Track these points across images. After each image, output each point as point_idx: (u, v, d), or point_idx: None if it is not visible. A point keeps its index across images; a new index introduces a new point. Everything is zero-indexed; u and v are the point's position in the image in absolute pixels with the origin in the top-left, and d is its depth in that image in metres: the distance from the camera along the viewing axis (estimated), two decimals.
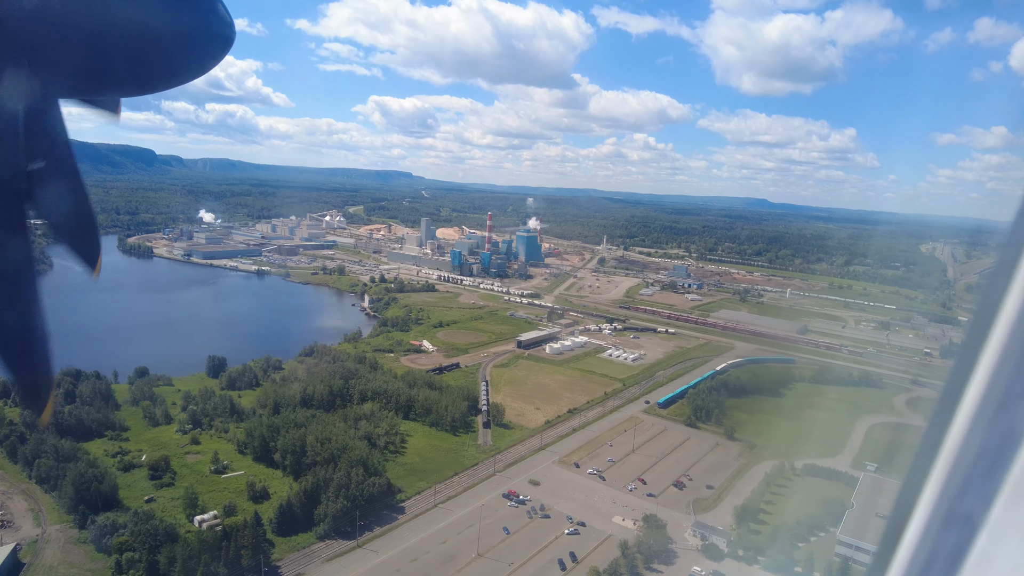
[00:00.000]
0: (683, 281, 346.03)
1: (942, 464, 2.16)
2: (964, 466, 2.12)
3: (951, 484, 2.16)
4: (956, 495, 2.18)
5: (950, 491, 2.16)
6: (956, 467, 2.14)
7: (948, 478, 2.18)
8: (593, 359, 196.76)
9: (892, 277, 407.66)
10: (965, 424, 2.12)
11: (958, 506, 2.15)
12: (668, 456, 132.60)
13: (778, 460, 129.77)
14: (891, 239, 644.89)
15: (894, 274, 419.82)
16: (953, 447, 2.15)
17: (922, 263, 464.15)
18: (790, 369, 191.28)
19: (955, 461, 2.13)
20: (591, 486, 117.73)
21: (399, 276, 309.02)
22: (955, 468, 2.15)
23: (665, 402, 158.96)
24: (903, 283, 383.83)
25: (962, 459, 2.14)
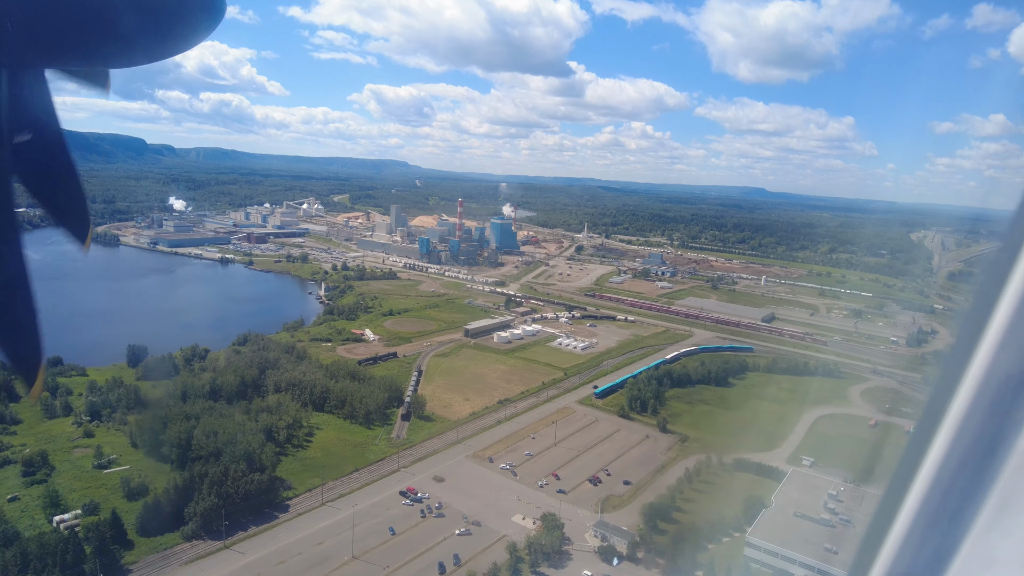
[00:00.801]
0: (656, 269, 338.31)
1: (931, 461, 2.11)
2: (953, 463, 2.07)
3: (939, 482, 2.11)
4: (943, 494, 2.14)
5: (938, 489, 2.12)
6: (945, 464, 2.09)
7: (936, 475, 2.13)
8: (542, 348, 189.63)
9: (875, 265, 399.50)
10: (958, 420, 2.06)
11: (945, 505, 2.10)
12: (592, 449, 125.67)
13: (708, 454, 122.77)
14: (881, 227, 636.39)
15: (877, 262, 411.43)
16: (944, 443, 2.09)
17: (908, 251, 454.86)
18: (744, 358, 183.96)
19: (944, 458, 2.08)
20: (500, 482, 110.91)
21: (362, 264, 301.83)
22: (944, 465, 2.09)
23: (602, 392, 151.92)
24: (886, 271, 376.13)
25: (952, 456, 2.09)
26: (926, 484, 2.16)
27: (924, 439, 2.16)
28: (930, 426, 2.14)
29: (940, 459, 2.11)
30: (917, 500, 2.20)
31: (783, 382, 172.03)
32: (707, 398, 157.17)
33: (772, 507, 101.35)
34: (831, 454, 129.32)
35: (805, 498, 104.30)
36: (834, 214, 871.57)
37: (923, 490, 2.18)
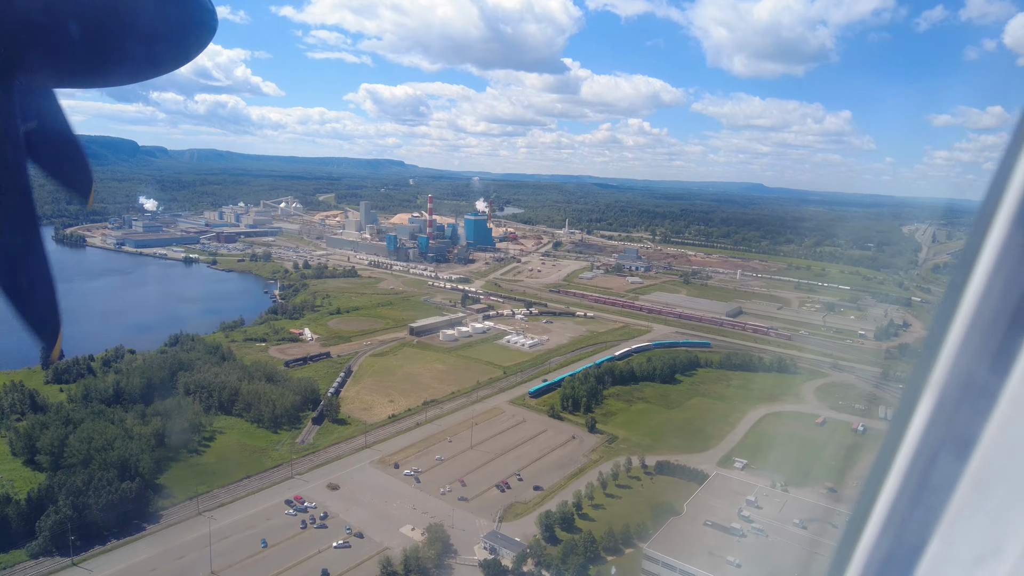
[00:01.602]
0: (631, 264, 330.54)
1: (903, 455, 2.14)
2: (925, 458, 2.10)
3: (912, 476, 2.14)
4: (916, 489, 2.15)
5: (910, 485, 2.14)
6: (916, 460, 2.12)
7: (908, 471, 2.16)
8: (488, 346, 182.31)
9: (859, 258, 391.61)
10: (927, 415, 2.09)
11: (919, 500, 2.13)
12: (510, 452, 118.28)
13: (632, 456, 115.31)
14: (872, 221, 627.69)
15: (862, 255, 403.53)
16: (914, 439, 2.12)
17: (896, 244, 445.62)
18: (696, 354, 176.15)
19: (916, 454, 2.11)
20: (399, 490, 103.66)
21: (325, 262, 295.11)
22: (915, 461, 2.12)
23: (536, 392, 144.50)
24: (869, 264, 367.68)
25: (923, 452, 2.11)
26: (899, 479, 2.17)
27: (898, 433, 2.18)
28: (903, 420, 2.17)
29: (910, 457, 2.13)
30: (891, 495, 2.20)
31: (734, 379, 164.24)
32: (648, 396, 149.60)
33: (682, 515, 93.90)
34: (768, 455, 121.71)
35: (721, 505, 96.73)
36: (829, 208, 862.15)
37: (896, 484, 2.19)
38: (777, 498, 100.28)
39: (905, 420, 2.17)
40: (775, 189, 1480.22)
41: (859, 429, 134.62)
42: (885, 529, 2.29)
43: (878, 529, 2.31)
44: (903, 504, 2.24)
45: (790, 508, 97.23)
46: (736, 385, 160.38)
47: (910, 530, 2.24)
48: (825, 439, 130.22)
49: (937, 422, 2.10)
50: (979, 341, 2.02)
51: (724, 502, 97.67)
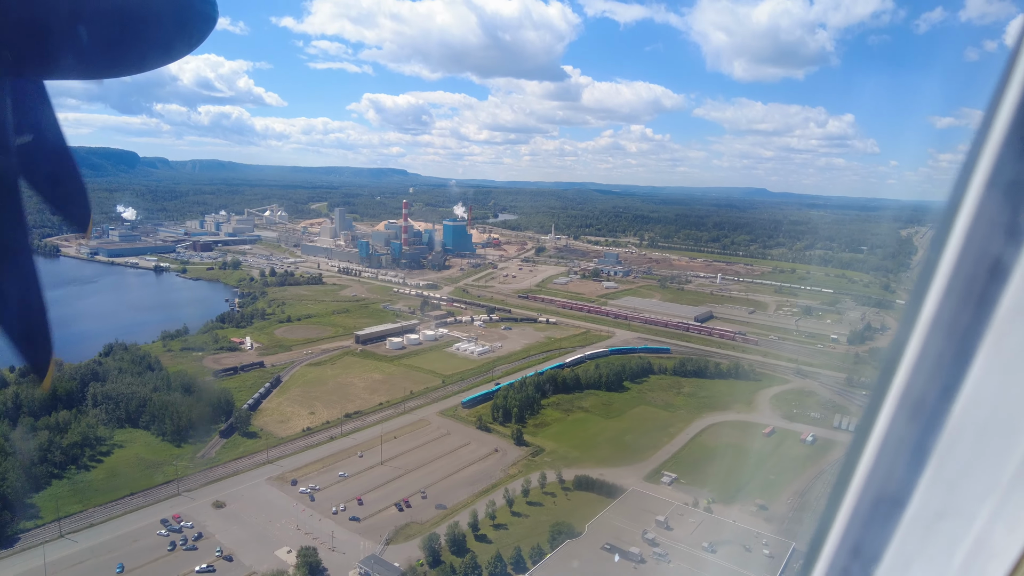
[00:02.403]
0: (609, 269, 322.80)
1: (869, 455, 2.21)
2: (888, 455, 2.17)
3: (876, 473, 2.21)
4: (880, 486, 2.22)
5: (875, 482, 2.21)
6: (881, 457, 2.19)
7: (874, 468, 2.22)
8: (436, 353, 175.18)
9: (849, 260, 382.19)
10: (890, 414, 2.17)
11: (883, 495, 2.20)
12: (423, 468, 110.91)
13: (550, 471, 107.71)
14: (871, 224, 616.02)
15: (852, 257, 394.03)
16: (879, 438, 2.19)
17: (890, 246, 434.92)
18: (650, 360, 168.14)
19: (880, 451, 2.18)
20: (289, 508, 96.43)
21: (292, 269, 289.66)
22: (880, 458, 2.19)
23: (470, 402, 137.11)
24: (859, 266, 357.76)
25: (885, 451, 2.19)
26: (865, 476, 2.24)
27: (864, 432, 2.26)
28: (870, 418, 2.23)
29: (877, 450, 2.20)
30: (856, 493, 2.26)
31: (686, 386, 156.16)
32: (589, 405, 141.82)
33: (581, 537, 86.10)
34: (703, 468, 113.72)
35: (627, 525, 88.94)
36: (830, 212, 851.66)
37: (862, 482, 2.25)
38: (693, 518, 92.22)
39: (869, 424, 2.22)
40: (778, 194, 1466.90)
41: (808, 439, 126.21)
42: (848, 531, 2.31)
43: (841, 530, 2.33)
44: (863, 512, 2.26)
45: (704, 529, 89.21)
46: (687, 393, 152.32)
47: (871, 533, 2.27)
48: (769, 451, 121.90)
49: (897, 426, 2.15)
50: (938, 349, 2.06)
51: (632, 522, 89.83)
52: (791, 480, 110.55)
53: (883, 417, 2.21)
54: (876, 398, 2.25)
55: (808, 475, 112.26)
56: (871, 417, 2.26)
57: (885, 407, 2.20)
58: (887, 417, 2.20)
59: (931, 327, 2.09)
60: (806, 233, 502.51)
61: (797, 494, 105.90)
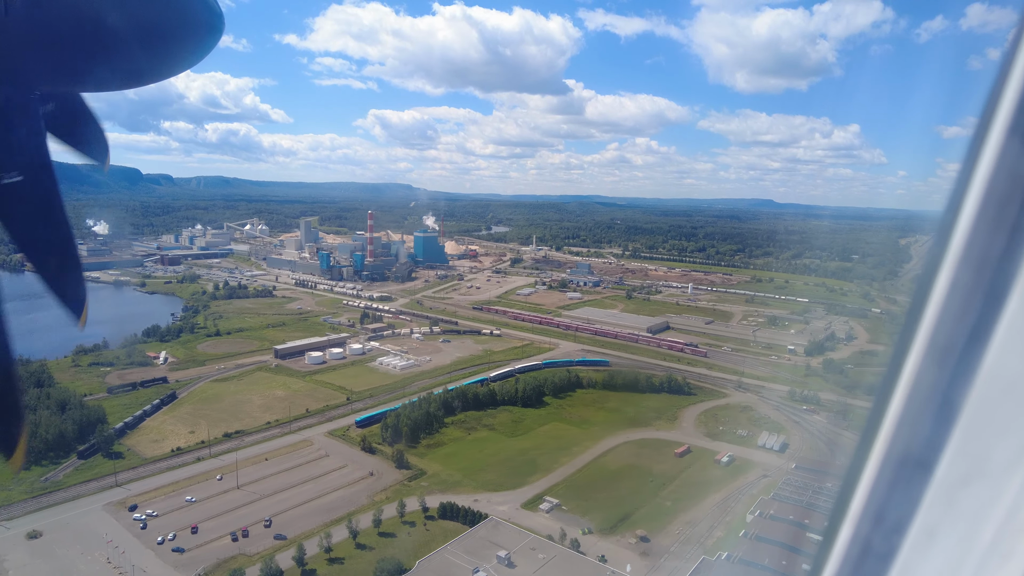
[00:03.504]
0: (580, 279, 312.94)
1: (894, 410, 2.10)
2: (914, 411, 2.06)
3: (901, 432, 2.10)
4: (886, 492, 2.12)
5: (900, 441, 2.10)
6: (906, 413, 2.08)
7: (878, 474, 2.12)
8: (356, 368, 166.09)
9: (836, 269, 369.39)
10: (893, 422, 2.08)
11: (908, 456, 2.09)
12: (282, 492, 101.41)
13: (425, 495, 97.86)
14: (870, 232, 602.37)
15: (839, 266, 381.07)
16: (883, 446, 2.10)
17: (883, 255, 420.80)
18: (579, 373, 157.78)
19: (905, 406, 2.07)
20: (113, 537, 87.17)
21: (247, 282, 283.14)
22: (905, 415, 2.08)
23: (363, 421, 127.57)
24: (846, 275, 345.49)
25: (891, 455, 2.09)
26: (870, 482, 2.14)
27: (868, 439, 2.16)
28: (873, 427, 2.14)
29: (882, 456, 2.11)
30: (863, 498, 2.16)
31: (612, 401, 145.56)
32: (498, 422, 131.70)
33: (409, 573, 75.89)
34: (594, 493, 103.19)
35: (464, 562, 78.72)
36: (833, 221, 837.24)
37: (868, 488, 2.15)
38: (546, 553, 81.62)
39: (893, 376, 2.11)
40: (785, 204, 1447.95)
41: (723, 461, 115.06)
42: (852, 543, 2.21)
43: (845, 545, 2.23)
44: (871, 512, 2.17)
45: (554, 568, 78.62)
46: (610, 408, 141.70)
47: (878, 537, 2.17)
48: (674, 474, 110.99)
49: (924, 377, 2.03)
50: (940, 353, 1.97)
51: (474, 558, 79.51)
52: (688, 507, 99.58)
53: (909, 366, 2.05)
54: (901, 345, 2.09)
55: (710, 502, 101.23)
56: (896, 367, 2.11)
57: (911, 355, 2.04)
58: (913, 366, 2.04)
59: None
60: (798, 242, 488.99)
61: (689, 524, 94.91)
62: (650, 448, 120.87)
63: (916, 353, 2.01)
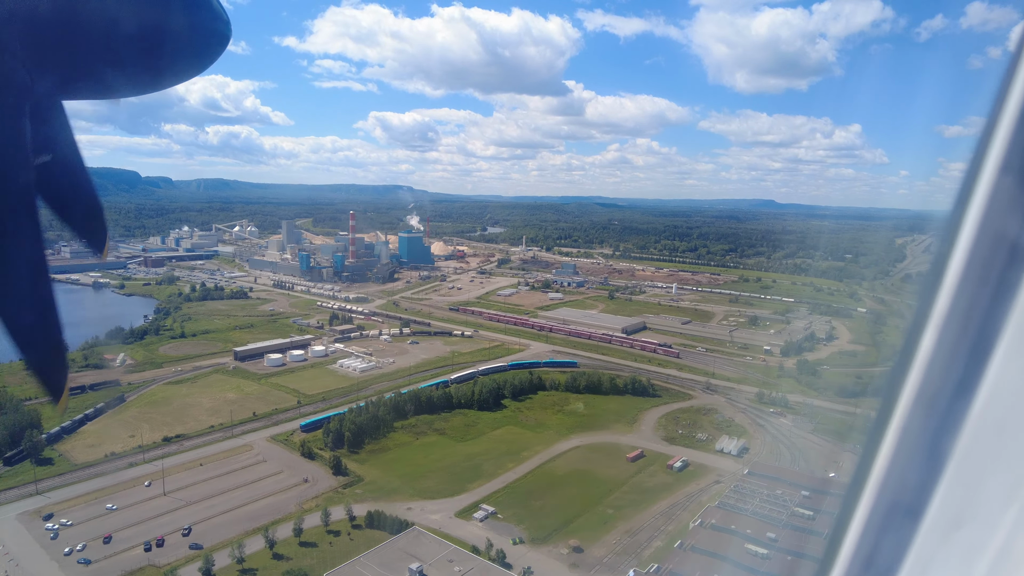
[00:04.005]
0: (564, 280, 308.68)
1: (883, 457, 2.12)
2: (903, 457, 2.08)
3: (891, 477, 2.10)
4: (895, 491, 2.13)
5: (889, 486, 2.11)
6: (895, 460, 2.10)
7: (888, 471, 2.13)
8: (315, 371, 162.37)
9: (827, 268, 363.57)
10: (902, 420, 2.09)
11: (898, 501, 2.10)
12: (210, 499, 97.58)
13: (356, 502, 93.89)
14: (867, 232, 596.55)
15: (830, 265, 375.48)
16: (893, 438, 2.11)
17: (877, 255, 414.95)
18: (541, 375, 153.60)
19: (894, 453, 2.09)
20: (18, 549, 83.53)
21: (225, 284, 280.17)
22: (894, 461, 2.10)
23: (308, 425, 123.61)
24: (836, 274, 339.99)
25: (900, 454, 2.10)
26: (879, 480, 2.15)
27: (877, 437, 2.17)
28: (882, 423, 2.15)
29: (890, 456, 2.12)
30: (872, 496, 2.17)
31: (574, 402, 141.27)
32: (450, 426, 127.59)
33: None
34: (535, 500, 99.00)
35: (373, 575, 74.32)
36: (833, 221, 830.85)
37: (877, 486, 2.16)
38: (464, 566, 77.36)
39: (882, 424, 2.14)
40: (786, 205, 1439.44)
41: (676, 466, 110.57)
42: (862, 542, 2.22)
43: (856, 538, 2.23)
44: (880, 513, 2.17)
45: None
46: (569, 411, 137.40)
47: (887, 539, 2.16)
48: (622, 479, 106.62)
49: (912, 425, 2.07)
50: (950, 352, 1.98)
51: (384, 571, 75.31)
52: (632, 516, 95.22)
53: (897, 415, 2.09)
54: (890, 394, 2.13)
55: (655, 510, 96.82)
56: (885, 415, 2.14)
57: (899, 404, 2.08)
58: (901, 415, 2.08)
59: (946, 316, 1.97)
60: (792, 242, 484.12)
61: (628, 533, 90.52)
62: (602, 452, 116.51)
63: (905, 401, 2.04)
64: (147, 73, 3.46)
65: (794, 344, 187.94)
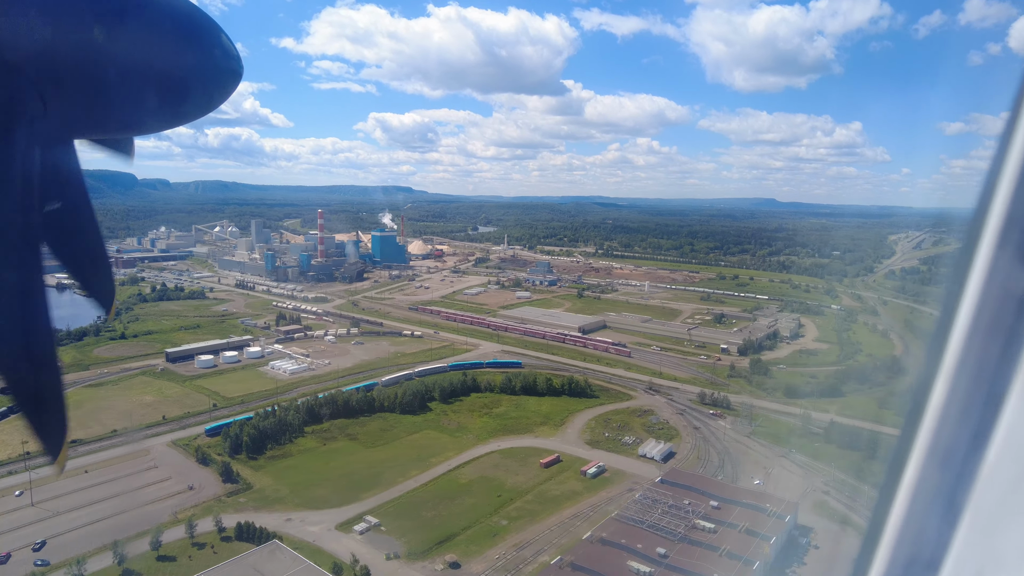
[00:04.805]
0: (537, 278, 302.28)
1: (898, 511, 2.09)
2: (919, 511, 2.06)
3: (907, 532, 2.08)
4: (912, 546, 2.09)
5: (906, 541, 2.09)
6: (911, 514, 2.08)
7: (904, 526, 2.09)
8: (245, 372, 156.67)
9: (810, 266, 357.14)
10: (898, 526, 2.06)
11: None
12: (82, 509, 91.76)
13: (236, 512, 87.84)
14: (860, 230, 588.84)
15: (814, 262, 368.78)
16: (908, 492, 2.08)
17: (864, 251, 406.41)
18: (476, 376, 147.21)
19: (910, 507, 2.07)
20: None
21: (185, 284, 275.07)
22: (910, 515, 2.08)
23: (213, 430, 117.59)
24: (819, 271, 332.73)
25: (915, 508, 2.07)
26: (916, 477, 2.11)
27: (889, 496, 2.13)
28: (913, 425, 2.11)
29: (903, 516, 2.09)
30: (908, 498, 2.13)
31: (505, 405, 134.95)
32: (365, 431, 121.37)
33: None
34: (427, 511, 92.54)
35: None
36: (832, 220, 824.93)
37: (912, 487, 2.12)
38: None
39: (896, 478, 2.11)
40: (787, 204, 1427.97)
41: (590, 472, 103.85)
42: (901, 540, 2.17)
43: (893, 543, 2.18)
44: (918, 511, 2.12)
45: None
46: (497, 413, 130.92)
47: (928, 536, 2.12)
48: (530, 487, 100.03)
49: (927, 478, 2.05)
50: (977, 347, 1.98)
51: None
52: (526, 527, 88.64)
53: (911, 468, 2.08)
54: (902, 447, 2.12)
55: (552, 521, 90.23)
56: (898, 468, 2.12)
57: (912, 457, 2.07)
58: (915, 468, 2.07)
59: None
60: (780, 240, 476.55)
61: (516, 546, 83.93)
62: (517, 458, 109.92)
63: (918, 454, 2.03)
64: (162, 112, 3.52)
65: (753, 343, 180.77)
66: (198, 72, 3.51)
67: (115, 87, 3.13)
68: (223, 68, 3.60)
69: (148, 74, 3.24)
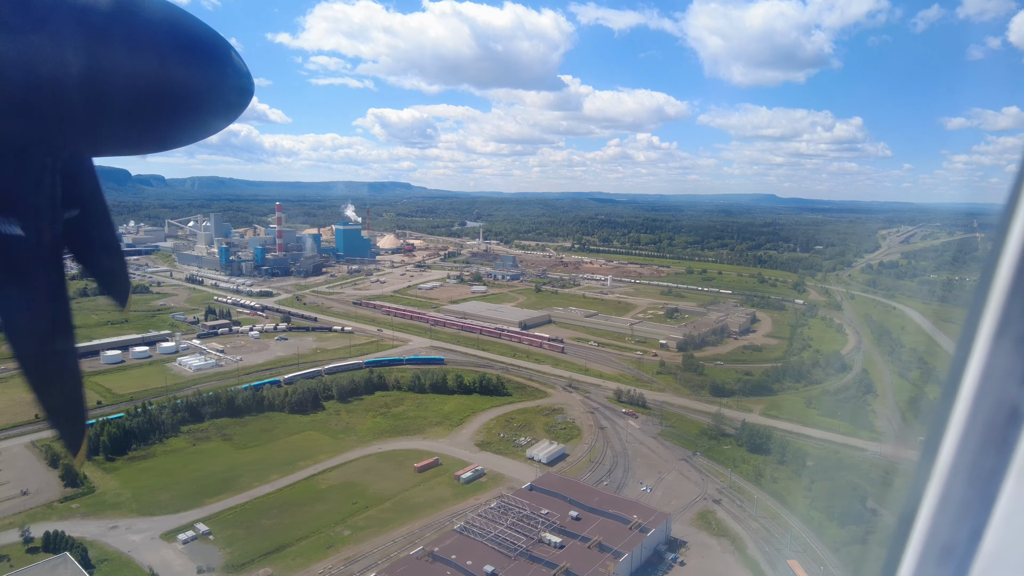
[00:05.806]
0: (500, 273, 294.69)
1: (944, 458, 2.09)
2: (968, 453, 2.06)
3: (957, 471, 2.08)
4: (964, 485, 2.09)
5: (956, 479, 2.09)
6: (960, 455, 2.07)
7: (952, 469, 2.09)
8: (150, 369, 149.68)
9: (787, 260, 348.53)
10: (965, 413, 2.05)
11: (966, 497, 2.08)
12: None
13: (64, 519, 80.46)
14: (851, 225, 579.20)
15: (791, 256, 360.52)
16: (954, 439, 2.08)
17: (847, 246, 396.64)
18: (388, 374, 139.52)
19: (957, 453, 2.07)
20: None
21: (141, 278, 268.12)
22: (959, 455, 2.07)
23: None
24: (796, 265, 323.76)
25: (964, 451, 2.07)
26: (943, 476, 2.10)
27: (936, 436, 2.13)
28: (942, 421, 2.11)
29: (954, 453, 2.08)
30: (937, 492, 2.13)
31: (407, 404, 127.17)
32: (243, 431, 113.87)
33: None
34: (266, 519, 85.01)
35: None
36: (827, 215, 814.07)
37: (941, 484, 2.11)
38: None
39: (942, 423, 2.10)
40: (787, 200, 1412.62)
41: (464, 477, 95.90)
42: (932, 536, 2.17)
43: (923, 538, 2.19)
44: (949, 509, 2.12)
45: None
46: (395, 413, 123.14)
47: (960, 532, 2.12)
48: (393, 493, 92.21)
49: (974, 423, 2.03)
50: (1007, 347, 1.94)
51: None
52: (368, 538, 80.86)
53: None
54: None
55: (399, 532, 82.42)
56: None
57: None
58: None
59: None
60: (763, 234, 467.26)
61: (348, 560, 76.14)
62: (392, 461, 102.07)
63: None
64: (175, 130, 3.58)
65: (694, 338, 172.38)
66: (211, 91, 3.52)
67: (129, 106, 3.17)
68: (235, 86, 3.68)
69: (163, 94, 3.26)
